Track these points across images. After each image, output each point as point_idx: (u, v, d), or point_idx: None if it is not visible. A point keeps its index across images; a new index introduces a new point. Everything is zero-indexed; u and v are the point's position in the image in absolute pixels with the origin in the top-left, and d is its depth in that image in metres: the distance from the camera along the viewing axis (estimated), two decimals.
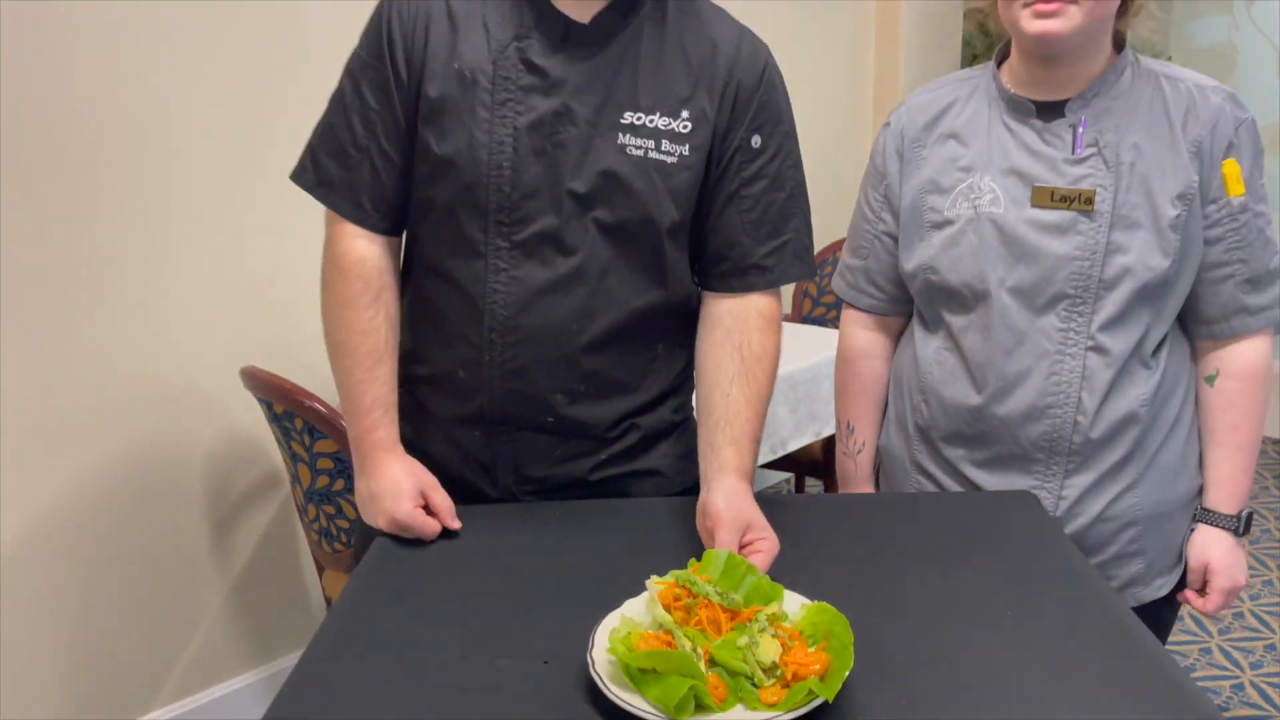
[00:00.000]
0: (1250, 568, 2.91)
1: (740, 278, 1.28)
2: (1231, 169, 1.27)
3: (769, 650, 0.87)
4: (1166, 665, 0.96)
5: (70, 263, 2.05)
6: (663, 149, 1.20)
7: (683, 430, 1.37)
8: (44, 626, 2.11)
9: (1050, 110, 1.30)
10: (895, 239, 1.42)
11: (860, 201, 1.48)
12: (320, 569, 2.22)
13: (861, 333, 1.51)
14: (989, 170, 1.32)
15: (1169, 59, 3.85)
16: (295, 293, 2.38)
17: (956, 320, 1.36)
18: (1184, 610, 2.69)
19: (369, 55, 1.23)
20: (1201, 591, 1.39)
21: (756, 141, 1.24)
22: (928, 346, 1.41)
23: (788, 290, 3.47)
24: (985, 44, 3.78)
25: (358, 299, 1.24)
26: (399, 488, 1.22)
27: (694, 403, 1.33)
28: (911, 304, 1.46)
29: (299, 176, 1.29)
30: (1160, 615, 1.41)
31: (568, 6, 1.19)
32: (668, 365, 1.32)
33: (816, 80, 3.52)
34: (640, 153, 1.19)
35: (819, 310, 3.16)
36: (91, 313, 2.10)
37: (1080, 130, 1.29)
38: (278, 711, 0.92)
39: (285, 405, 1.93)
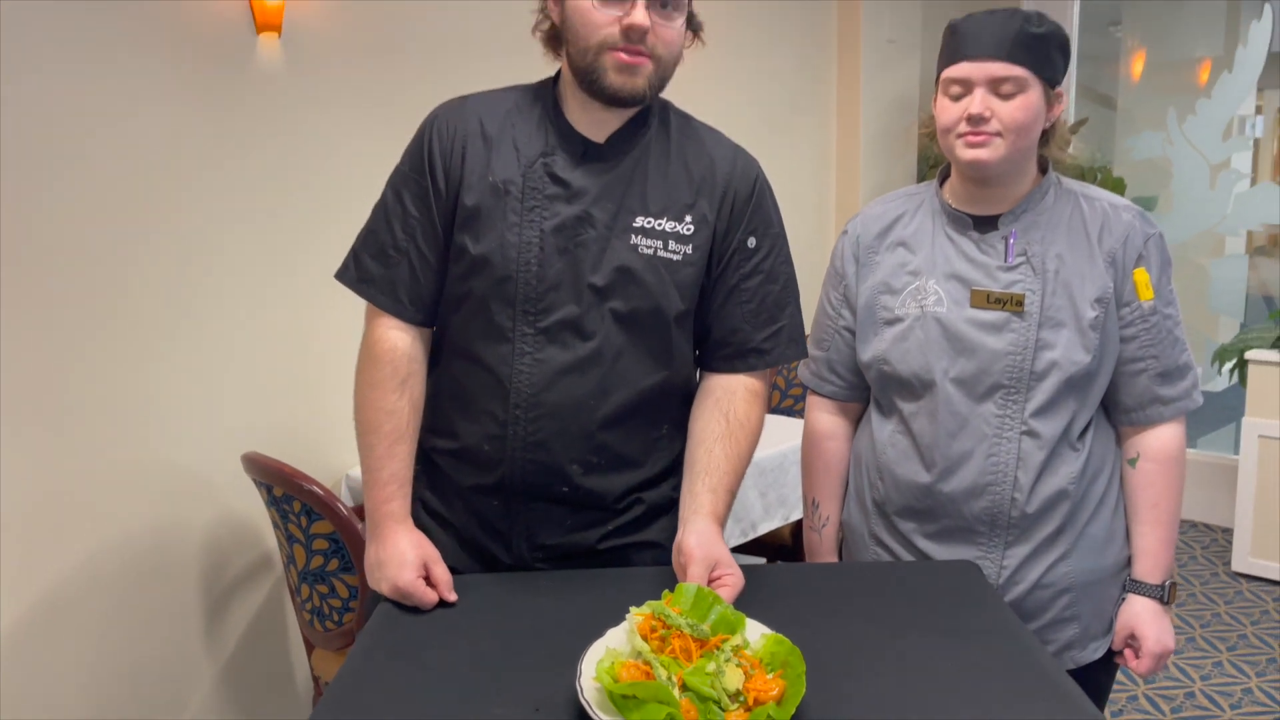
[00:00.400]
0: (1200, 650, 3.04)
1: (742, 360, 1.44)
2: (1141, 277, 1.44)
3: (734, 678, 1.01)
4: (1088, 710, 1.09)
5: (77, 350, 2.18)
6: (670, 248, 1.38)
7: (674, 509, 1.48)
8: (43, 701, 2.17)
9: (985, 224, 1.48)
10: (853, 333, 1.57)
11: (822, 299, 1.64)
12: (310, 648, 2.30)
13: (825, 417, 1.66)
14: (934, 274, 1.49)
15: (1109, 169, 4.14)
16: (295, 383, 2.51)
17: (907, 406, 1.51)
18: (1138, 690, 2.81)
19: (411, 169, 1.40)
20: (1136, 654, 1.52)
21: (752, 243, 1.43)
22: (883, 429, 1.55)
23: None
24: (939, 156, 4.05)
25: (386, 382, 1.39)
26: (404, 558, 1.34)
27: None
28: (869, 390, 1.61)
29: (342, 275, 1.45)
30: (1096, 678, 1.53)
31: (585, 129, 1.38)
32: (670, 446, 1.47)
33: (783, 190, 3.76)
34: (650, 251, 1.37)
35: (786, 402, 3.33)
36: (98, 398, 2.21)
37: (1011, 242, 1.46)
38: None
39: (285, 488, 2.05)
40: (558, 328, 1.35)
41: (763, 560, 3.02)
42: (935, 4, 4.24)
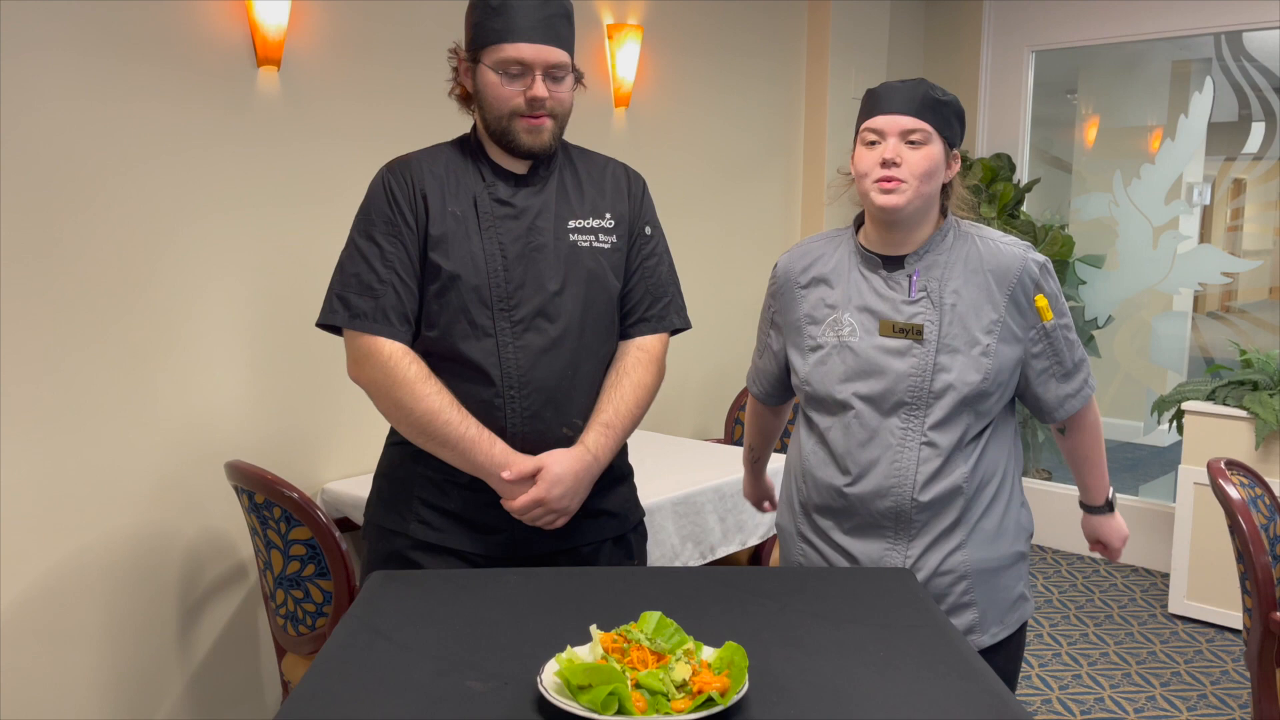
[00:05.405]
0: (1135, 685, 3.18)
1: (646, 324, 1.76)
2: (1042, 301, 1.68)
3: (681, 672, 1.13)
4: (997, 687, 1.22)
5: (72, 366, 2.27)
6: (600, 240, 1.70)
7: (630, 479, 1.83)
8: (17, 697, 2.23)
9: (893, 263, 1.69)
10: (775, 351, 1.85)
11: (761, 320, 1.91)
12: (280, 654, 2.38)
13: (758, 403, 2.01)
14: (848, 307, 1.71)
15: (1064, 228, 4.35)
16: (276, 399, 2.61)
17: (824, 421, 1.73)
18: (1053, 695, 2.94)
19: (376, 216, 1.64)
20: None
21: (648, 231, 1.77)
22: (809, 439, 1.77)
23: (719, 417, 3.78)
24: None
25: (416, 377, 1.61)
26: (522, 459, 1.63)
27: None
28: (790, 394, 1.86)
29: (330, 319, 1.64)
30: (996, 664, 1.69)
31: (509, 166, 1.68)
32: None
33: (751, 228, 3.95)
34: (587, 244, 1.69)
35: None
36: (86, 406, 2.30)
37: (914, 279, 1.67)
38: (291, 714, 1.14)
39: (266, 494, 2.15)
40: (530, 317, 1.64)
41: None
42: (899, 62, 4.48)
